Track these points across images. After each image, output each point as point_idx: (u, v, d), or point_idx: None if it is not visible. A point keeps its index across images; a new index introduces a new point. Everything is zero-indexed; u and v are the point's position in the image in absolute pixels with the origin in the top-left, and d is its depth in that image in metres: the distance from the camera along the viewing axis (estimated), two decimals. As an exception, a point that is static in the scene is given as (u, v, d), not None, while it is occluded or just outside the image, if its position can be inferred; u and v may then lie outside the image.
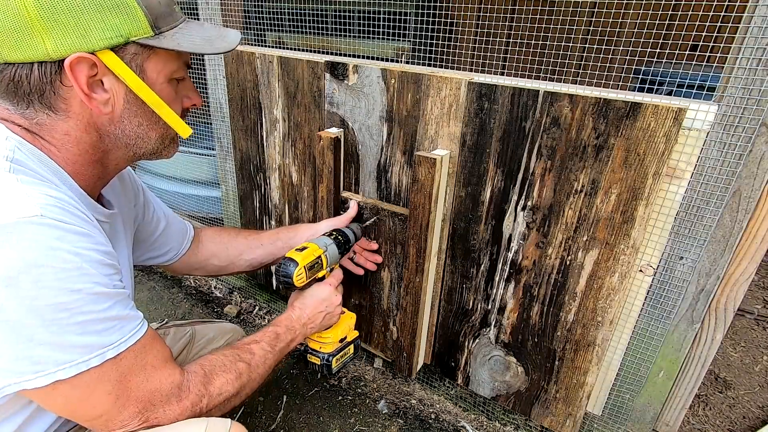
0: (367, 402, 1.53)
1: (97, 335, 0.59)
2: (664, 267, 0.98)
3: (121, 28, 0.62)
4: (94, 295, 0.59)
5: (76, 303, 0.57)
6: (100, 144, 0.69)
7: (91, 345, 0.59)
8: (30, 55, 0.60)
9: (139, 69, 0.66)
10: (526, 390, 1.24)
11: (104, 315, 0.60)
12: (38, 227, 0.55)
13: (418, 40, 1.58)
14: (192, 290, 2.09)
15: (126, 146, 0.71)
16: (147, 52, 0.66)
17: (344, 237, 1.15)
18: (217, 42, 0.72)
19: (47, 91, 0.62)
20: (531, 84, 0.99)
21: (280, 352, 0.91)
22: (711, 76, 0.99)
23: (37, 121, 0.64)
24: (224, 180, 1.79)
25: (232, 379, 0.78)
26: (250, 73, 1.44)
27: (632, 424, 1.17)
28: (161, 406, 0.67)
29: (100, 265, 0.60)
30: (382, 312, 1.40)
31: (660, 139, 0.87)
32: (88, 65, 0.62)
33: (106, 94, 0.65)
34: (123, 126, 0.68)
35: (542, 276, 1.10)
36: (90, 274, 0.58)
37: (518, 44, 1.29)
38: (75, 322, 0.57)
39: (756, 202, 0.87)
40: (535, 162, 1.01)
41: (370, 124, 1.23)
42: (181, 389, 0.70)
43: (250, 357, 0.83)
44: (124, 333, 0.63)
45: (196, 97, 0.77)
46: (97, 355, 0.59)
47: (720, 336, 1.03)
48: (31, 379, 0.56)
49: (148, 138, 0.71)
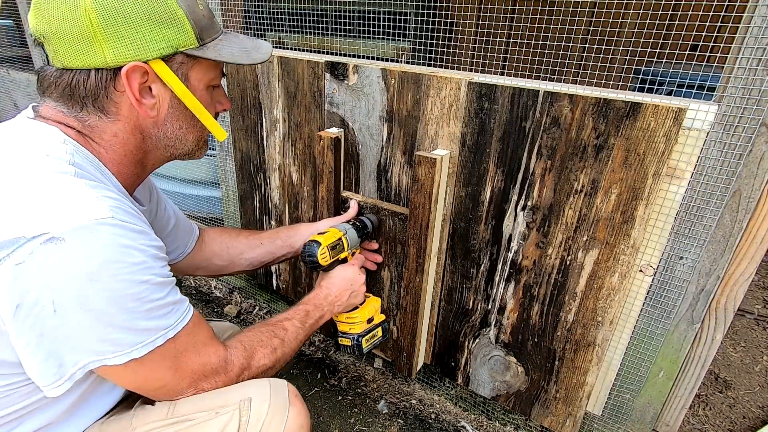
0: (367, 402, 1.53)
1: (161, 319, 0.67)
2: (664, 267, 0.98)
3: (171, 39, 0.68)
4: (156, 285, 0.66)
5: (145, 293, 0.64)
6: (143, 145, 0.75)
7: (156, 327, 0.66)
8: (89, 62, 0.65)
9: (184, 77, 0.72)
10: (526, 390, 1.24)
11: (164, 301, 0.67)
12: (111, 227, 0.61)
13: (418, 40, 1.58)
14: (192, 290, 2.09)
15: (165, 147, 0.77)
16: (191, 62, 0.72)
17: (362, 223, 1.21)
18: (253, 53, 0.79)
19: (101, 95, 0.68)
20: (531, 84, 0.99)
21: (310, 328, 0.98)
22: (711, 76, 0.99)
23: (89, 123, 0.69)
24: (224, 180, 1.79)
25: (269, 353, 0.86)
26: (250, 73, 1.44)
27: (632, 424, 1.17)
28: (211, 377, 0.76)
29: (157, 259, 0.67)
30: (383, 312, 1.40)
31: (660, 139, 0.87)
32: (141, 73, 0.67)
33: (154, 100, 0.71)
34: (165, 129, 0.74)
35: (542, 276, 1.10)
36: (152, 267, 0.65)
37: (518, 44, 1.29)
38: (143, 309, 0.64)
39: (756, 202, 0.87)
40: (535, 162, 1.01)
41: (370, 124, 1.23)
42: (227, 362, 0.78)
43: (283, 333, 0.91)
44: (179, 315, 0.70)
45: (227, 102, 0.83)
46: (161, 336, 0.66)
47: (720, 336, 1.03)
48: (110, 358, 0.63)
49: (186, 140, 0.78)
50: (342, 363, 1.69)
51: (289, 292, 1.73)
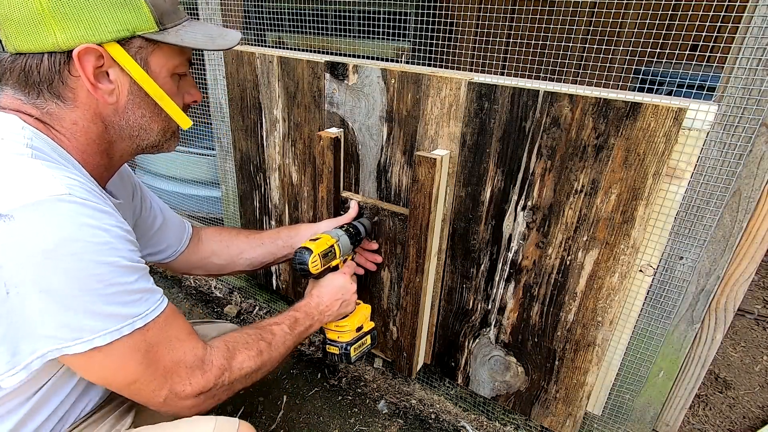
0: (367, 402, 1.53)
1: (127, 306, 0.63)
2: (664, 267, 0.98)
3: (128, 22, 0.66)
4: (122, 268, 0.62)
5: (109, 275, 0.60)
6: (106, 134, 0.72)
7: (122, 315, 0.62)
8: (40, 45, 0.63)
9: (143, 62, 0.69)
10: (526, 390, 1.24)
11: (132, 287, 0.63)
12: (68, 204, 0.58)
13: (418, 40, 1.58)
14: (192, 290, 2.09)
15: (130, 137, 0.74)
16: (151, 47, 0.69)
17: (355, 229, 1.19)
18: (219, 40, 0.76)
19: (56, 80, 0.65)
20: (531, 84, 0.99)
21: (299, 335, 0.95)
22: (711, 76, 0.99)
23: (47, 111, 0.67)
24: (224, 180, 1.79)
25: (254, 356, 0.81)
26: (250, 73, 1.44)
27: (632, 424, 1.17)
28: (187, 377, 0.71)
29: (125, 241, 0.64)
30: (382, 312, 1.40)
31: (660, 139, 0.87)
32: (95, 56, 0.65)
33: (111, 85, 0.68)
34: (127, 116, 0.71)
35: (542, 276, 1.10)
36: (118, 248, 0.62)
37: (518, 44, 1.29)
38: (108, 293, 0.60)
39: (756, 202, 0.87)
40: (535, 162, 1.01)
41: (370, 124, 1.23)
42: (204, 362, 0.73)
43: (271, 337, 0.87)
44: (150, 305, 0.66)
45: (197, 93, 0.80)
46: (127, 324, 0.62)
47: (720, 336, 1.03)
48: (70, 346, 0.59)
49: (151, 129, 0.74)
50: (342, 363, 1.69)
51: (289, 292, 1.73)
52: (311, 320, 1.00)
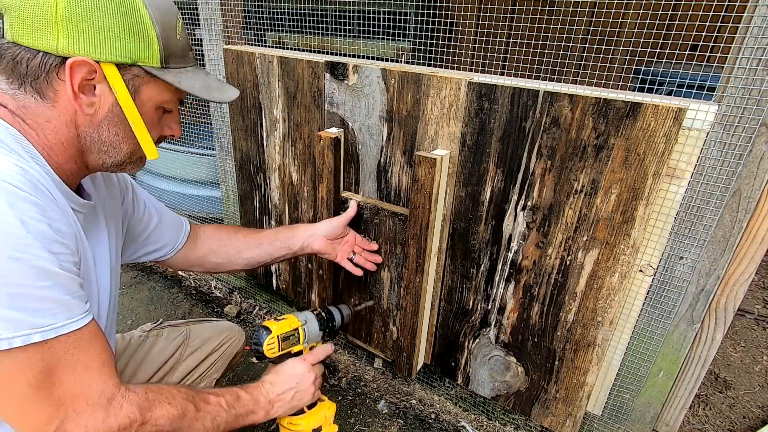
0: (367, 402, 1.53)
1: (27, 313, 0.56)
2: (664, 267, 0.98)
3: (133, 51, 0.67)
4: (33, 269, 0.56)
5: (12, 272, 0.55)
6: (77, 142, 0.71)
7: (17, 321, 0.55)
8: (40, 44, 0.63)
9: (134, 89, 0.70)
10: (526, 390, 1.24)
11: (40, 293, 0.57)
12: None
13: (418, 40, 1.58)
14: (192, 290, 2.09)
15: (99, 151, 0.73)
16: (147, 78, 0.70)
17: (329, 315, 1.10)
18: (215, 92, 0.78)
19: (42, 78, 0.65)
20: (531, 84, 0.99)
21: (236, 417, 0.83)
22: (711, 76, 0.99)
23: (23, 104, 0.67)
24: (224, 180, 1.79)
25: (174, 416, 0.72)
26: (250, 73, 1.44)
27: (632, 424, 1.17)
28: (83, 416, 0.61)
29: (48, 240, 0.59)
30: (382, 312, 1.40)
31: (660, 139, 0.87)
32: (88, 70, 0.65)
33: (94, 98, 0.68)
34: (101, 131, 0.71)
35: (542, 276, 1.10)
36: (32, 246, 0.57)
37: (518, 44, 1.29)
38: (6, 292, 0.54)
39: (756, 202, 0.87)
40: (535, 162, 1.01)
41: (370, 124, 1.23)
42: (111, 403, 0.64)
43: (203, 404, 0.78)
44: (58, 319, 0.59)
45: (177, 129, 0.81)
46: (22, 335, 0.55)
47: (720, 336, 1.03)
48: None
49: (119, 149, 0.74)
50: (342, 363, 1.69)
51: (288, 292, 1.73)
52: (255, 405, 0.88)
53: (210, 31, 1.54)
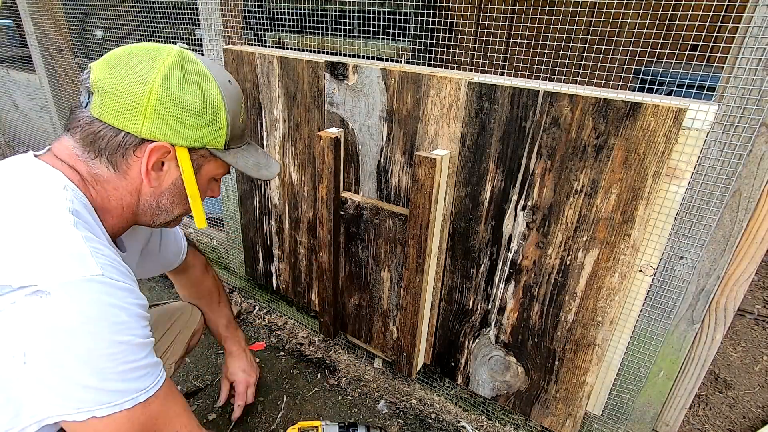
0: (367, 402, 1.53)
1: (133, 381, 0.66)
2: (664, 267, 0.98)
3: (205, 137, 0.75)
4: (135, 346, 0.65)
5: (122, 354, 0.63)
6: (135, 207, 0.79)
7: (127, 390, 0.65)
8: (125, 126, 0.70)
9: (197, 166, 0.78)
10: (526, 390, 1.24)
11: (140, 363, 0.66)
12: (100, 285, 0.62)
13: (418, 40, 1.58)
14: (192, 290, 2.09)
15: (153, 215, 0.81)
16: (211, 157, 0.79)
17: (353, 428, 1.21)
18: (263, 170, 0.86)
19: (119, 153, 0.72)
20: (531, 84, 0.99)
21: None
22: (711, 76, 0.99)
23: (96, 172, 0.73)
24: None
25: None
26: (250, 73, 1.44)
27: (632, 424, 1.17)
28: None
29: (140, 318, 0.67)
30: (382, 312, 1.40)
31: (660, 139, 0.87)
32: (164, 152, 0.73)
33: (161, 173, 0.76)
34: (160, 200, 0.79)
35: (542, 276, 1.10)
36: (133, 328, 0.65)
37: (518, 44, 1.29)
38: (119, 370, 0.63)
39: (756, 202, 0.87)
40: (535, 162, 1.01)
41: (370, 124, 1.23)
42: None
43: None
44: (153, 379, 0.68)
45: (218, 192, 0.89)
46: (130, 399, 0.65)
47: (720, 336, 1.03)
48: (71, 414, 0.61)
49: (171, 213, 0.82)
50: (342, 363, 1.69)
51: (288, 293, 1.73)
52: None
53: (210, 31, 1.54)
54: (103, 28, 2.15)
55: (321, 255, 1.38)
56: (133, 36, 1.94)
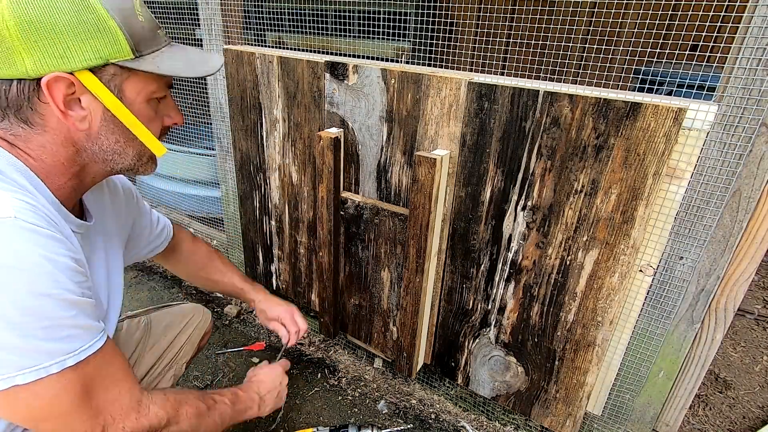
0: (367, 402, 1.53)
1: (60, 342, 0.60)
2: (664, 267, 0.98)
3: (101, 50, 0.64)
4: (62, 302, 0.59)
5: (44, 308, 0.57)
6: (77, 158, 0.70)
7: (53, 351, 0.59)
8: (10, 72, 0.61)
9: (117, 89, 0.67)
10: (526, 390, 1.24)
11: (69, 322, 0.60)
12: (11, 229, 0.56)
13: (418, 40, 1.58)
14: (192, 290, 2.09)
15: (104, 161, 0.72)
16: (126, 74, 0.67)
17: None
18: (199, 66, 0.74)
19: (24, 106, 0.64)
20: (531, 84, 0.99)
21: (237, 413, 0.93)
22: (711, 76, 0.99)
23: (13, 133, 0.65)
24: (224, 180, 1.79)
25: (192, 414, 0.79)
26: (250, 73, 1.44)
27: (632, 424, 1.17)
28: (121, 420, 0.68)
29: (71, 272, 0.61)
30: (382, 312, 1.40)
31: (660, 139, 0.87)
32: (66, 84, 0.63)
33: (84, 112, 0.66)
34: (100, 142, 0.69)
35: (542, 276, 1.10)
36: (60, 281, 0.59)
37: (518, 44, 1.29)
38: (41, 326, 0.57)
39: (756, 202, 0.87)
40: (535, 162, 1.01)
41: (370, 124, 1.23)
42: (141, 405, 0.71)
43: (211, 402, 0.86)
44: (86, 341, 0.63)
45: (177, 115, 0.78)
46: (57, 362, 0.59)
47: (720, 336, 1.03)
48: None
49: (125, 154, 0.72)
50: (342, 363, 1.69)
51: (288, 293, 1.73)
52: (251, 402, 0.99)
53: (210, 31, 1.54)
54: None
55: (321, 255, 1.38)
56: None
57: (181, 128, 2.13)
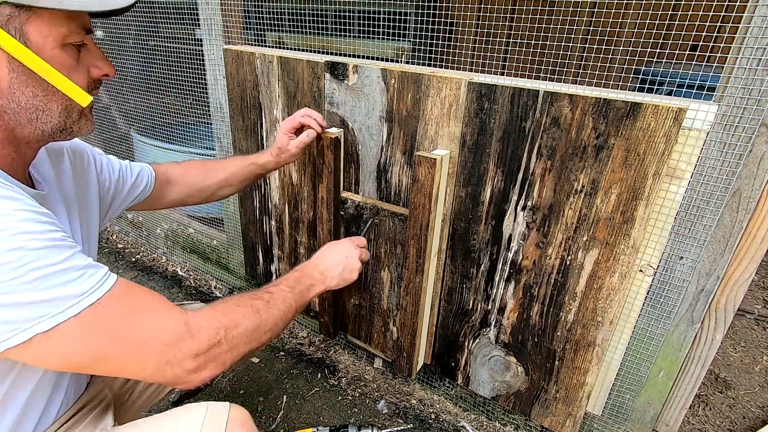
0: (367, 402, 1.53)
1: (66, 286, 0.57)
2: (664, 267, 0.98)
3: None
4: (39, 250, 0.56)
5: (23, 260, 0.54)
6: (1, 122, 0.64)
7: (62, 296, 0.57)
8: None
9: (19, 33, 0.59)
10: (526, 390, 1.24)
11: (64, 266, 0.58)
12: None
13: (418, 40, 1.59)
14: (192, 290, 2.09)
15: (29, 121, 0.65)
16: (25, 14, 0.59)
17: None
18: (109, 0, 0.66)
19: None
20: (531, 84, 0.99)
21: (300, 294, 0.90)
22: (711, 76, 0.99)
23: None
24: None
25: (250, 313, 0.75)
26: (250, 73, 1.44)
27: (632, 424, 1.17)
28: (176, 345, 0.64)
29: (38, 222, 0.58)
30: (382, 312, 1.40)
31: (660, 139, 0.87)
32: None
33: None
34: (16, 98, 0.62)
35: (542, 276, 1.10)
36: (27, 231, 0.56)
37: (518, 44, 1.29)
38: (31, 279, 0.55)
39: (756, 202, 0.87)
40: (535, 162, 1.01)
41: (370, 124, 1.23)
42: (190, 324, 0.66)
43: (268, 296, 0.82)
44: (96, 280, 0.60)
45: (106, 65, 0.70)
46: (72, 305, 0.57)
47: (720, 336, 1.03)
48: (8, 338, 0.54)
49: (50, 110, 0.65)
50: (342, 363, 1.69)
51: (289, 292, 1.73)
52: (312, 280, 0.96)
53: (210, 31, 1.54)
54: (103, 28, 2.15)
55: (321, 255, 1.38)
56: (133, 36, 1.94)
57: (182, 128, 2.12)
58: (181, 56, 1.80)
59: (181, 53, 1.80)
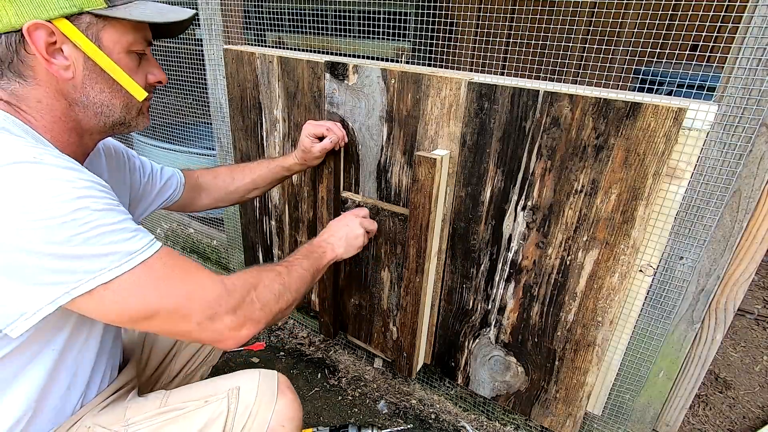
0: (367, 402, 1.53)
1: (122, 243, 0.64)
2: (664, 267, 0.98)
3: None
4: (101, 211, 0.63)
5: (89, 217, 0.61)
6: (71, 112, 0.73)
7: (119, 251, 0.63)
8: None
9: (95, 38, 0.70)
10: (526, 390, 1.24)
11: (120, 226, 0.64)
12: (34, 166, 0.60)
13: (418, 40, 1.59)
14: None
15: (95, 114, 0.75)
16: (101, 23, 0.70)
17: None
18: (169, 14, 0.77)
19: (15, 59, 0.67)
20: (531, 84, 0.99)
21: (316, 260, 0.99)
22: (711, 76, 0.99)
23: (12, 91, 0.69)
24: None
25: (273, 276, 0.83)
26: (250, 73, 1.44)
27: (632, 424, 1.17)
28: (216, 301, 0.72)
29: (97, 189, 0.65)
30: (382, 312, 1.40)
31: (660, 139, 0.87)
32: (46, 33, 0.66)
33: (66, 61, 0.69)
34: (86, 92, 0.73)
35: (542, 276, 1.10)
36: (91, 196, 0.63)
37: (518, 44, 1.29)
38: (96, 234, 0.61)
39: (756, 202, 0.87)
40: (535, 162, 1.01)
41: (370, 124, 1.23)
42: (225, 283, 0.74)
43: (286, 263, 0.91)
44: (147, 242, 0.67)
45: (161, 73, 0.81)
46: (128, 260, 0.64)
47: (720, 336, 1.03)
48: (75, 287, 0.61)
49: (113, 105, 0.76)
50: (342, 363, 1.69)
51: (289, 292, 1.73)
52: (321, 249, 1.04)
53: (210, 31, 1.54)
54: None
55: (321, 255, 1.38)
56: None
57: (182, 128, 2.13)
58: (181, 56, 1.80)
59: (181, 53, 1.80)
